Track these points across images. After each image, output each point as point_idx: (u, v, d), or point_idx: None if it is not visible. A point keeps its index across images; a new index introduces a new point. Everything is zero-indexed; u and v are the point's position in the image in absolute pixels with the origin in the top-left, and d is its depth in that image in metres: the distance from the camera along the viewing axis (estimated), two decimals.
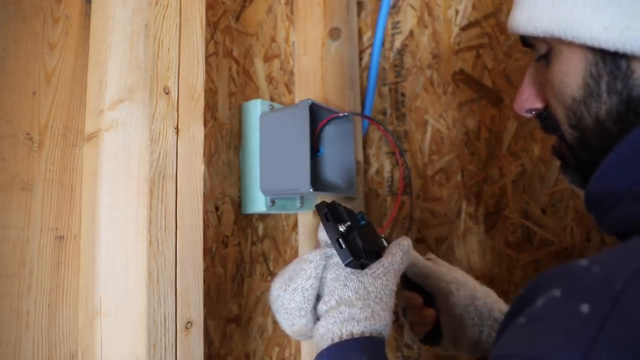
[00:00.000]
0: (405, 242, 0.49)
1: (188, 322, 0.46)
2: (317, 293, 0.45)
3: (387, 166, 0.90)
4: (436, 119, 0.84)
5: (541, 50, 0.41)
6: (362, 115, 0.87)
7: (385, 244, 0.51)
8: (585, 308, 0.24)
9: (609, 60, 0.36)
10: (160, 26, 0.46)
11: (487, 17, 0.80)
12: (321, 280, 0.45)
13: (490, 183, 0.78)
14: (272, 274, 0.75)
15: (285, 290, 0.45)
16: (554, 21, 0.37)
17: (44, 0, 0.49)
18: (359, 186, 0.83)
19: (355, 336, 0.41)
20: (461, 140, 0.81)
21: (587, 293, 0.26)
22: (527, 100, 0.45)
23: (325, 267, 0.46)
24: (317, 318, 0.45)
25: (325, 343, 0.42)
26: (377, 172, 0.91)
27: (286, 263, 0.78)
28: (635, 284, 0.24)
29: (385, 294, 0.44)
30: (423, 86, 0.86)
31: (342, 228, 0.47)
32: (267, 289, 0.74)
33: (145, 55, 0.45)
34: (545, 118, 0.44)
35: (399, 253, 0.47)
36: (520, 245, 0.75)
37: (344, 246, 0.44)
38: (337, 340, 0.41)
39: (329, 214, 0.47)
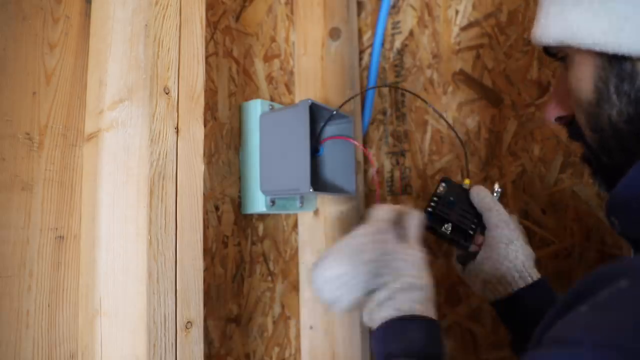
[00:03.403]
0: (417, 213, 0.54)
1: (188, 322, 0.46)
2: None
3: (387, 166, 0.90)
4: (436, 119, 0.84)
5: (562, 58, 0.44)
6: (362, 147, 0.86)
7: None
8: None
9: (615, 63, 0.38)
10: (160, 26, 0.46)
11: (487, 17, 0.80)
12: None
13: (491, 183, 0.78)
14: (272, 274, 0.75)
15: (352, 266, 0.48)
16: (561, 30, 0.39)
17: (44, 0, 0.49)
18: (359, 186, 0.83)
19: (416, 303, 0.45)
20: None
21: None
22: (555, 109, 0.47)
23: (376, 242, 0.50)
24: (370, 290, 0.48)
25: (384, 311, 0.45)
26: (377, 172, 0.91)
27: (286, 263, 0.78)
28: None
29: (424, 261, 0.49)
30: (423, 86, 0.86)
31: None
32: (267, 289, 0.74)
33: (145, 55, 0.45)
34: (571, 125, 0.46)
35: (419, 225, 0.53)
36: None
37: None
38: (401, 307, 0.45)
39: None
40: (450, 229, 0.59)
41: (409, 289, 0.45)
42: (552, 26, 0.40)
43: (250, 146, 0.69)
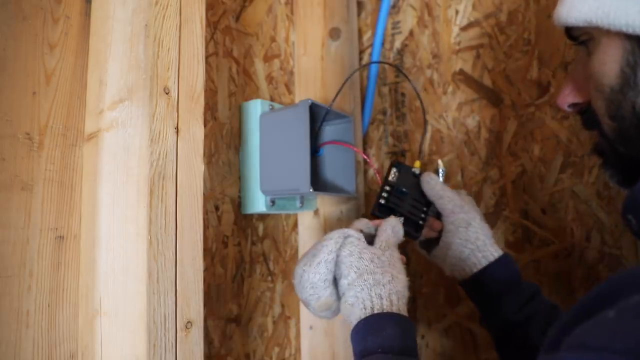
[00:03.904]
0: (392, 220, 0.56)
1: (188, 322, 0.46)
2: (334, 272, 0.50)
3: (387, 166, 0.90)
4: (436, 119, 0.84)
5: (584, 42, 0.42)
6: (360, 152, 0.86)
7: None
8: None
9: None
10: (160, 26, 0.46)
11: (487, 17, 0.80)
12: (337, 259, 0.50)
13: (490, 183, 0.78)
14: (272, 274, 0.75)
15: (310, 265, 0.49)
16: (592, 9, 0.37)
17: (44, 0, 0.49)
18: (359, 186, 0.83)
19: (384, 299, 0.45)
20: (461, 140, 0.81)
21: None
22: (570, 95, 0.45)
23: (340, 246, 0.50)
24: (339, 295, 0.50)
25: (356, 312, 0.46)
26: (378, 172, 0.91)
27: (286, 263, 0.78)
28: None
29: (395, 260, 0.50)
30: (423, 86, 0.86)
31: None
32: (267, 289, 0.74)
33: (145, 55, 0.45)
34: (585, 112, 0.44)
35: (388, 228, 0.54)
36: (520, 245, 0.75)
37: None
38: (368, 304, 0.45)
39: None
40: (402, 222, 0.59)
41: (374, 284, 0.46)
42: (582, 5, 0.38)
43: (250, 146, 0.69)
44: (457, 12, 0.83)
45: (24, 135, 0.46)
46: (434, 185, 0.62)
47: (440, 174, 0.65)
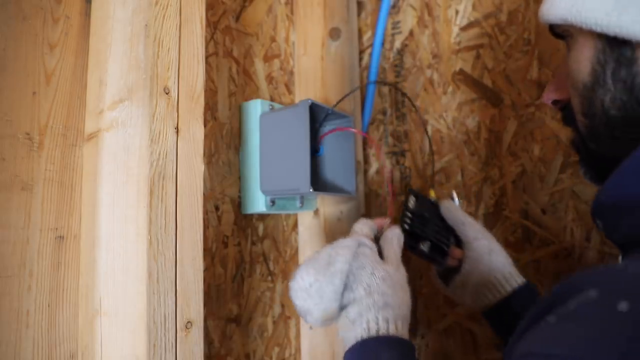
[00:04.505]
0: (397, 230, 0.54)
1: (188, 322, 0.46)
2: None
3: (387, 166, 0.90)
4: (436, 119, 0.84)
5: (565, 39, 0.43)
6: (360, 132, 0.86)
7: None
8: (623, 306, 0.24)
9: (615, 47, 0.37)
10: (160, 26, 0.46)
11: (487, 17, 0.80)
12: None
13: (490, 183, 0.78)
14: (272, 274, 0.75)
15: (324, 275, 0.46)
16: (567, 7, 0.38)
17: (44, 0, 0.49)
18: (359, 186, 0.83)
19: (390, 323, 0.43)
20: (461, 140, 0.81)
21: (625, 292, 0.25)
22: (553, 91, 0.46)
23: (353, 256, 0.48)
24: (341, 306, 0.46)
25: (357, 330, 0.43)
26: (377, 172, 0.91)
27: (286, 263, 0.78)
28: None
29: (405, 280, 0.48)
30: (423, 86, 0.86)
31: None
32: (267, 289, 0.74)
33: (145, 55, 0.45)
34: (564, 109, 0.45)
35: (395, 240, 0.52)
36: (520, 245, 0.75)
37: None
38: (373, 326, 0.43)
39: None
40: (428, 247, 0.58)
41: (383, 307, 0.44)
42: (559, 2, 0.39)
43: (250, 146, 0.69)
44: (457, 12, 0.83)
45: (24, 135, 0.46)
46: (455, 211, 0.61)
47: (457, 204, 0.63)
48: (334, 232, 0.79)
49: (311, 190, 0.61)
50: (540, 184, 0.74)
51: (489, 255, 0.58)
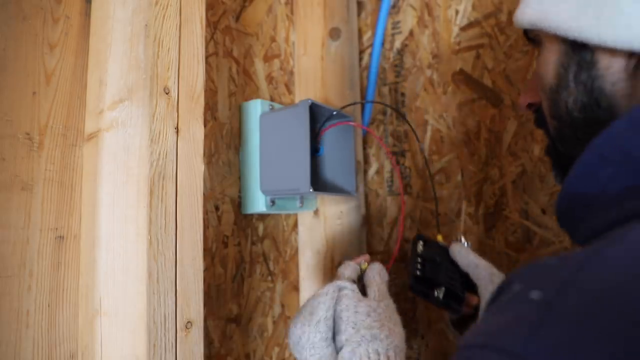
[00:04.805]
0: (376, 265, 0.54)
1: (188, 322, 0.46)
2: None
3: (387, 166, 0.90)
4: (436, 119, 0.84)
5: (536, 44, 0.45)
6: (360, 125, 0.87)
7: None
8: (535, 294, 0.26)
9: (577, 50, 0.38)
10: (160, 26, 0.46)
11: (487, 17, 0.80)
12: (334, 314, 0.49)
13: (490, 183, 0.78)
14: (272, 274, 0.75)
15: (309, 325, 0.47)
16: (534, 12, 0.40)
17: (44, 0, 0.49)
18: (359, 186, 0.83)
19: (381, 355, 0.44)
20: (461, 140, 0.81)
21: (539, 281, 0.27)
22: (526, 96, 0.47)
23: (336, 300, 0.49)
24: (337, 350, 0.48)
25: None
26: (377, 172, 0.91)
27: (286, 263, 0.78)
28: (583, 271, 0.25)
29: (392, 310, 0.48)
30: (423, 86, 0.86)
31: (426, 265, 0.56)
32: (267, 289, 0.74)
33: (145, 55, 0.45)
34: (537, 112, 0.46)
35: (376, 275, 0.52)
36: (520, 245, 0.75)
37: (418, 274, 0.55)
38: (365, 359, 0.43)
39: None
40: (443, 293, 0.54)
41: (371, 340, 0.44)
42: (528, 8, 0.41)
43: (250, 146, 0.69)
44: (457, 12, 0.83)
45: (24, 135, 0.46)
46: (467, 253, 0.59)
47: (467, 245, 0.61)
48: (334, 232, 0.79)
49: (311, 190, 0.61)
50: (540, 184, 0.74)
51: None
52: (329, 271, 0.79)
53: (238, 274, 0.68)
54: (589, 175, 0.35)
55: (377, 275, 0.52)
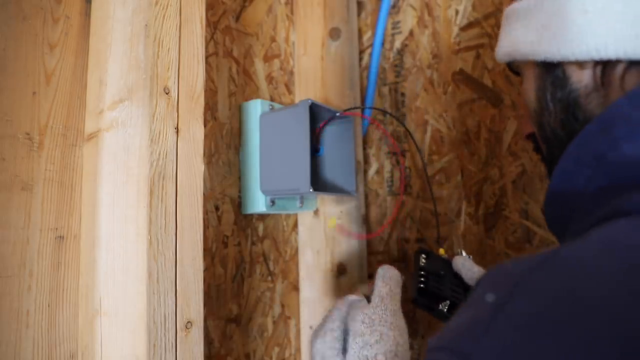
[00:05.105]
0: (380, 269, 0.54)
1: (188, 322, 0.46)
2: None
3: (387, 166, 0.90)
4: (436, 119, 0.84)
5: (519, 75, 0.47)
6: (359, 114, 0.87)
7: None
8: (490, 297, 0.26)
9: (549, 71, 0.40)
10: (160, 26, 0.46)
11: (487, 17, 0.80)
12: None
13: (490, 183, 0.78)
14: (272, 274, 0.75)
15: (317, 336, 0.49)
16: (509, 44, 0.43)
17: (44, 0, 0.49)
18: (359, 186, 0.83)
19: (369, 358, 0.44)
20: (461, 140, 0.81)
21: (496, 284, 0.27)
22: (525, 126, 0.48)
23: (346, 313, 0.50)
24: None
25: None
26: (377, 172, 0.91)
27: (286, 263, 0.78)
28: (538, 272, 0.25)
29: (388, 315, 0.48)
30: (423, 86, 0.86)
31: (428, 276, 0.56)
32: (267, 289, 0.74)
33: (145, 55, 0.45)
34: (534, 140, 0.48)
35: (379, 281, 0.52)
36: (520, 245, 0.75)
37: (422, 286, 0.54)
38: None
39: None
40: (447, 306, 0.54)
41: (362, 347, 0.45)
42: (503, 43, 0.44)
43: (250, 146, 0.69)
44: (457, 12, 0.83)
45: (24, 135, 0.46)
46: (471, 266, 0.58)
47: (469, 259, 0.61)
48: (334, 232, 0.79)
49: (311, 190, 0.61)
50: (540, 184, 0.74)
51: None
52: (329, 271, 0.79)
53: (238, 274, 0.68)
54: (567, 180, 0.36)
55: (379, 280, 0.52)
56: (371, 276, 0.88)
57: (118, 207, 0.46)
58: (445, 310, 0.53)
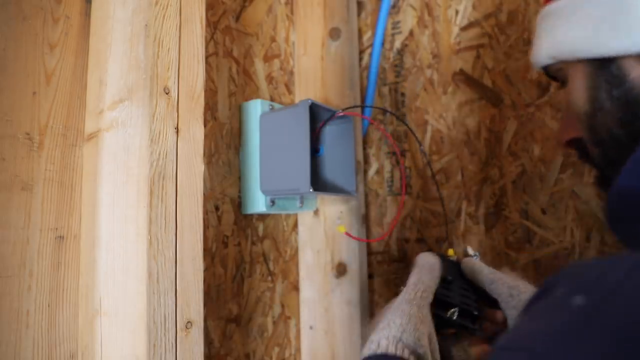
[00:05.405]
0: (416, 259, 0.54)
1: (188, 322, 0.46)
2: None
3: (387, 166, 0.90)
4: (436, 119, 0.84)
5: (561, 79, 0.44)
6: (359, 114, 0.87)
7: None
8: (579, 300, 0.24)
9: (603, 68, 0.38)
10: (160, 26, 0.46)
11: (487, 17, 0.80)
12: None
13: (490, 183, 0.78)
14: (272, 274, 0.75)
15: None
16: (552, 45, 0.41)
17: (44, 0, 0.49)
18: (359, 186, 0.83)
19: (373, 342, 0.44)
20: (461, 140, 0.81)
21: (583, 286, 0.25)
22: (563, 132, 0.46)
23: None
24: None
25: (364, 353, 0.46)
26: (377, 172, 0.91)
27: (286, 263, 0.78)
28: (632, 277, 0.24)
29: (401, 302, 0.48)
30: (423, 86, 0.86)
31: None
32: (267, 289, 0.74)
33: (145, 55, 0.45)
34: (577, 147, 0.45)
35: (413, 268, 0.52)
36: (520, 245, 0.75)
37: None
38: (365, 351, 0.44)
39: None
40: (456, 314, 0.51)
41: (372, 332, 0.46)
42: (544, 45, 0.42)
43: (250, 146, 0.69)
44: (457, 12, 0.83)
45: (24, 135, 0.46)
46: (480, 269, 0.56)
47: (475, 257, 0.59)
48: (334, 232, 0.79)
49: (311, 190, 0.61)
50: (540, 184, 0.74)
51: None
52: (329, 271, 0.79)
53: (238, 274, 0.68)
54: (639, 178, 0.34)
55: (414, 268, 0.53)
56: (371, 276, 0.88)
57: (118, 207, 0.46)
58: (455, 317, 0.51)
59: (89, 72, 0.52)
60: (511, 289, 0.53)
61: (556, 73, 0.44)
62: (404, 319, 0.46)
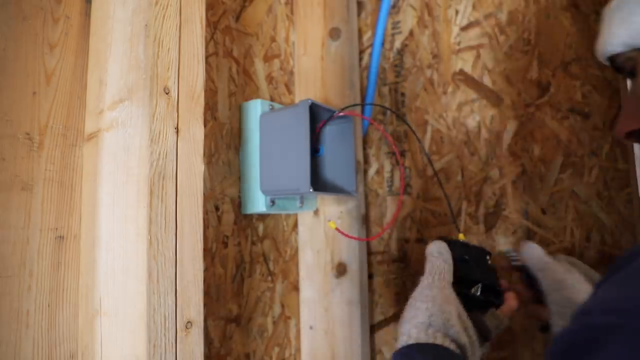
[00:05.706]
0: (427, 248, 0.53)
1: (188, 322, 0.46)
2: None
3: (387, 166, 0.90)
4: (436, 119, 0.84)
5: (628, 68, 0.43)
6: (359, 114, 0.87)
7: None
8: None
9: None
10: (160, 26, 0.46)
11: (487, 17, 0.80)
12: None
13: (490, 183, 0.78)
14: (272, 274, 0.75)
15: None
16: (627, 32, 0.40)
17: (44, 0, 0.49)
18: (359, 186, 0.83)
19: (404, 335, 0.44)
20: (461, 140, 0.81)
21: None
22: (625, 123, 0.45)
23: None
24: None
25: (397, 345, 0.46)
26: (377, 172, 0.91)
27: (286, 263, 0.78)
28: None
29: (423, 288, 0.48)
30: (423, 86, 0.86)
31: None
32: (267, 289, 0.74)
33: (145, 55, 0.45)
34: (638, 138, 0.44)
35: (427, 257, 0.52)
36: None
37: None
38: (398, 344, 0.45)
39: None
40: (480, 289, 0.52)
41: (401, 325, 0.46)
42: (618, 32, 0.41)
43: (250, 146, 0.69)
44: (457, 12, 0.83)
45: (24, 135, 0.46)
46: (534, 253, 0.54)
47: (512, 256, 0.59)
48: (334, 232, 0.79)
49: (311, 190, 0.61)
50: (540, 184, 0.74)
51: (572, 310, 0.50)
52: (329, 271, 0.79)
53: (238, 274, 0.68)
54: None
55: (427, 257, 0.52)
56: (371, 276, 0.88)
57: (118, 207, 0.46)
58: (479, 293, 0.52)
59: (89, 72, 0.52)
60: (555, 283, 0.52)
61: (624, 63, 0.43)
62: (429, 303, 0.46)
